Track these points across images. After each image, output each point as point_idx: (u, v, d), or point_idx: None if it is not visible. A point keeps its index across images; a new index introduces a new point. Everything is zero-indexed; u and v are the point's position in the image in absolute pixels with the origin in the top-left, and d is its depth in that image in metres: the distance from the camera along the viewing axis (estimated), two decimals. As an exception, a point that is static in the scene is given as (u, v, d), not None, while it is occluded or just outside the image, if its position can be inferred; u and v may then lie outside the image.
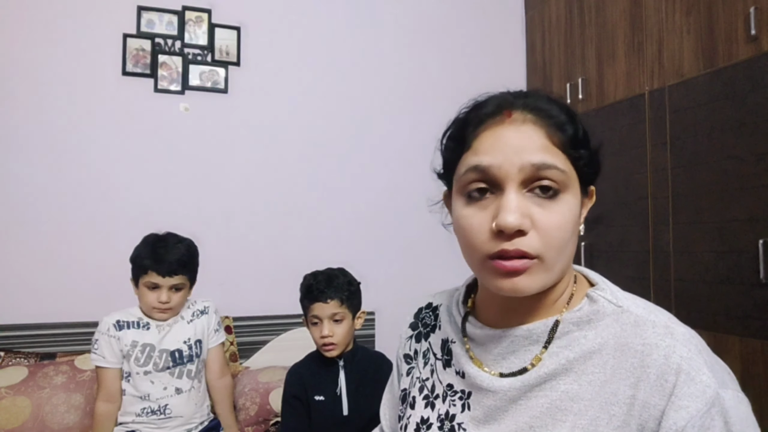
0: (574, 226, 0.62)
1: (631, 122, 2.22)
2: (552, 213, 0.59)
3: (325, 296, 1.49)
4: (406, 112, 2.74)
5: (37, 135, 2.23)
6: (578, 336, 0.63)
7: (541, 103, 0.63)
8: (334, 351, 1.51)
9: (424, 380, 0.76)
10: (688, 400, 0.55)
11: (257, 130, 2.51)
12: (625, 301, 0.64)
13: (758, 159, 1.74)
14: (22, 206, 2.19)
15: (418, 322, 0.84)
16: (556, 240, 0.59)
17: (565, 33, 2.64)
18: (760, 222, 1.73)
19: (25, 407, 1.80)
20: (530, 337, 0.65)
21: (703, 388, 0.55)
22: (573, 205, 0.61)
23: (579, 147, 0.62)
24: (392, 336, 2.57)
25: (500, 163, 0.59)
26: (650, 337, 0.60)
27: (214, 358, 1.76)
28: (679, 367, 0.57)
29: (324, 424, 1.51)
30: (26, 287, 2.17)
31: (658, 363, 0.58)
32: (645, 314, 0.62)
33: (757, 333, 1.71)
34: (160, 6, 2.40)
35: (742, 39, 1.80)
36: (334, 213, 2.60)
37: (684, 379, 0.56)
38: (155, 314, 1.64)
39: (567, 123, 0.62)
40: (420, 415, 0.74)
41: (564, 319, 0.64)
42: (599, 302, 0.64)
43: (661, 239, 2.08)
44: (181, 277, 1.64)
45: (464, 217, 0.62)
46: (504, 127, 0.61)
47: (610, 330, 0.62)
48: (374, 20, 2.72)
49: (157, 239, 1.65)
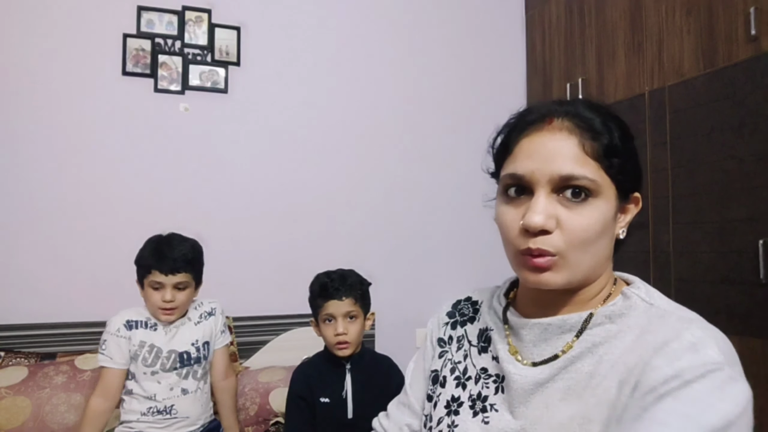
0: (603, 229, 0.66)
1: (631, 122, 2.21)
2: (578, 215, 0.64)
3: (340, 294, 1.50)
4: (406, 112, 2.74)
5: (37, 135, 2.23)
6: (609, 327, 0.67)
7: (582, 110, 0.67)
8: (348, 350, 1.50)
9: (456, 363, 0.81)
10: (684, 361, 0.57)
11: (257, 130, 2.51)
12: (658, 299, 0.68)
13: (758, 159, 1.74)
14: (22, 206, 2.19)
15: (456, 312, 0.88)
16: (578, 240, 0.64)
17: (565, 33, 2.64)
18: (760, 222, 1.73)
19: (25, 407, 1.80)
20: (564, 326, 0.69)
21: (705, 358, 0.57)
22: (604, 210, 0.65)
23: (613, 156, 0.65)
24: (392, 336, 2.57)
25: (532, 172, 0.65)
26: (671, 324, 0.62)
27: (220, 360, 1.76)
28: (688, 341, 0.59)
29: (328, 427, 1.50)
30: (26, 287, 2.17)
31: (670, 337, 0.60)
32: (673, 309, 0.66)
33: (757, 333, 1.72)
34: (160, 6, 2.39)
35: (742, 39, 1.80)
36: (335, 213, 2.60)
37: (687, 346, 0.58)
38: (161, 316, 1.63)
39: (603, 132, 0.66)
40: (451, 394, 0.78)
41: (598, 312, 0.68)
42: (632, 299, 0.68)
43: (661, 239, 2.08)
44: (184, 275, 1.62)
45: (501, 214, 0.70)
46: (541, 135, 0.67)
47: (637, 321, 0.66)
48: (374, 20, 2.72)
49: (161, 239, 1.65)
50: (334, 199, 2.61)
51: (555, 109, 0.68)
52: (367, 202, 2.65)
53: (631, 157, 0.69)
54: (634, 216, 0.72)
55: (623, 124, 0.70)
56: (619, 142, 0.66)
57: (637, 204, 0.72)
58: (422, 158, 2.74)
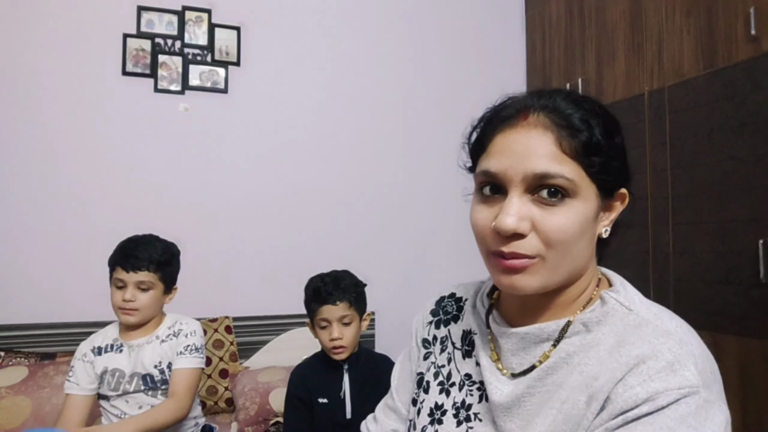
0: (582, 230, 0.62)
1: (631, 122, 2.22)
2: (554, 216, 0.60)
3: (333, 298, 1.48)
4: (407, 112, 2.74)
5: (37, 135, 2.23)
6: (585, 335, 0.64)
7: (561, 104, 0.63)
8: (344, 354, 1.50)
9: (440, 367, 0.78)
10: (659, 383, 0.55)
11: (257, 130, 2.51)
12: (637, 305, 0.64)
13: (758, 159, 1.74)
14: (22, 206, 2.19)
15: (439, 310, 0.85)
16: (556, 242, 0.60)
17: (565, 33, 2.64)
18: (760, 222, 1.73)
19: (25, 407, 1.80)
20: (541, 335, 0.66)
21: (680, 381, 0.54)
22: (582, 211, 0.61)
23: (593, 154, 0.61)
24: (393, 336, 2.57)
25: (506, 170, 0.61)
26: (646, 336, 0.59)
27: (176, 380, 1.50)
28: (665, 360, 0.56)
29: (327, 427, 1.50)
30: (26, 287, 2.17)
31: (646, 354, 0.57)
32: (651, 318, 0.62)
33: (757, 333, 1.72)
34: (160, 6, 2.40)
35: (742, 39, 1.80)
36: (335, 213, 2.60)
37: (663, 365, 0.55)
38: (120, 316, 1.52)
39: (582, 128, 0.61)
40: (434, 401, 0.75)
41: (576, 320, 0.65)
42: (610, 303, 0.64)
43: (660, 239, 2.08)
44: (147, 274, 1.51)
45: (474, 212, 0.66)
46: (516, 131, 0.62)
47: (613, 329, 0.62)
48: (374, 20, 2.72)
49: (133, 237, 1.57)
50: (333, 198, 2.61)
51: (531, 104, 0.64)
52: (367, 202, 2.65)
53: (616, 153, 0.64)
54: (621, 213, 0.67)
55: (608, 118, 0.65)
56: (600, 139, 0.62)
57: (623, 201, 0.67)
58: (422, 158, 2.74)
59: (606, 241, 0.68)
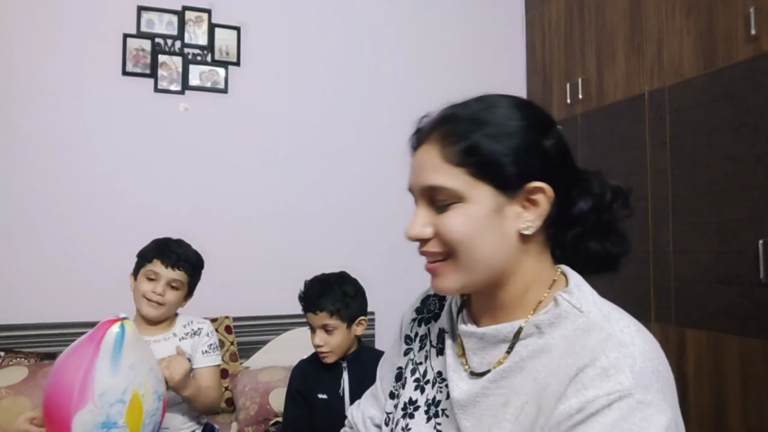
0: (479, 228, 0.65)
1: (631, 122, 2.22)
2: (447, 219, 0.66)
3: (315, 307, 1.50)
4: (406, 113, 2.72)
5: (37, 135, 2.23)
6: (540, 338, 0.65)
7: (452, 114, 0.69)
8: (329, 358, 1.52)
9: (418, 363, 0.80)
10: (591, 391, 0.55)
11: (257, 130, 2.51)
12: (589, 306, 0.64)
13: (758, 159, 1.74)
14: (22, 206, 2.19)
15: (424, 308, 0.87)
16: (452, 242, 0.65)
17: (565, 34, 2.64)
18: (759, 222, 1.73)
19: (25, 407, 1.80)
20: (498, 336, 0.68)
21: (612, 386, 0.55)
22: (473, 211, 0.65)
23: (474, 155, 0.64)
24: (393, 336, 2.56)
25: (412, 186, 0.70)
26: (591, 342, 0.60)
27: (203, 380, 1.59)
28: (600, 367, 0.57)
29: (326, 423, 1.51)
30: (26, 287, 2.17)
31: (585, 362, 0.58)
32: (599, 321, 0.62)
33: (757, 333, 1.72)
34: (160, 6, 2.40)
35: (742, 39, 1.80)
36: (335, 213, 2.60)
37: (598, 372, 0.56)
38: (144, 306, 1.57)
39: (465, 132, 0.66)
40: (409, 396, 0.78)
41: (529, 322, 0.66)
42: (562, 306, 0.65)
43: (660, 239, 2.08)
44: (182, 274, 1.59)
45: None
46: (419, 149, 0.70)
47: (563, 333, 0.63)
48: (374, 21, 2.72)
49: (170, 238, 1.64)
50: (334, 198, 2.61)
51: (422, 122, 0.72)
52: (368, 202, 2.65)
53: (510, 149, 0.64)
54: (549, 209, 0.66)
55: (512, 113, 0.67)
56: (483, 140, 0.64)
57: (545, 193, 0.65)
58: (422, 158, 2.74)
59: (564, 240, 0.70)
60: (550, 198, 0.66)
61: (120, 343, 1.12)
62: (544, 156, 0.66)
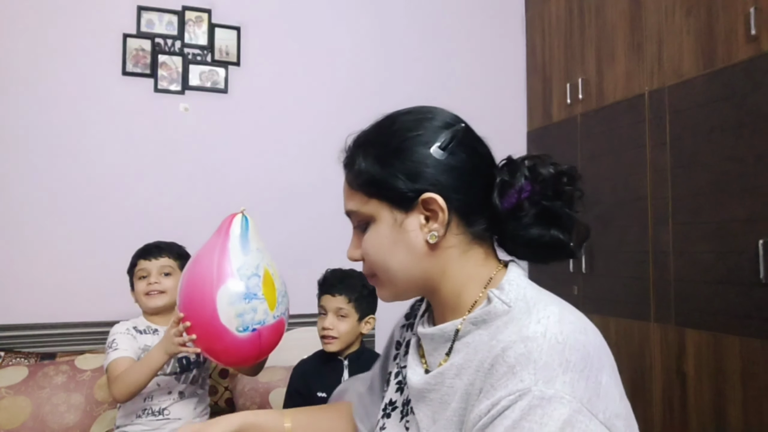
0: (389, 243, 0.69)
1: (631, 122, 2.22)
2: (366, 241, 0.72)
3: (334, 290, 1.55)
4: (406, 112, 2.74)
5: (37, 135, 2.23)
6: (474, 336, 0.66)
7: (346, 144, 0.75)
8: (333, 346, 1.53)
9: (402, 367, 0.82)
10: (500, 391, 0.56)
11: (257, 130, 2.51)
12: (517, 302, 0.64)
13: (758, 159, 1.74)
14: (21, 206, 2.19)
15: (412, 313, 0.89)
16: (372, 260, 0.71)
17: (565, 33, 2.64)
18: (759, 222, 1.73)
19: (25, 407, 1.80)
20: (443, 336, 0.70)
21: (516, 384, 0.55)
22: (380, 229, 0.70)
23: (362, 178, 0.70)
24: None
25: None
26: (504, 337, 0.61)
27: None
28: (507, 365, 0.57)
29: None
30: (26, 287, 2.17)
31: (497, 360, 0.59)
32: (519, 314, 0.63)
33: (757, 333, 1.72)
34: (160, 6, 2.40)
35: (742, 39, 1.80)
36: (335, 213, 2.59)
37: (506, 370, 0.57)
38: (147, 301, 1.61)
39: (353, 161, 0.72)
40: (390, 397, 0.81)
41: (465, 321, 0.68)
42: (493, 302, 0.65)
43: (660, 239, 2.08)
44: (168, 260, 1.63)
45: None
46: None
47: (490, 331, 0.65)
48: (374, 21, 2.72)
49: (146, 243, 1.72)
50: (334, 198, 2.59)
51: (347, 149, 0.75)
52: (367, 202, 2.65)
53: (394, 168, 0.67)
54: (447, 218, 0.67)
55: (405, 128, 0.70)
56: (367, 163, 0.69)
57: (438, 203, 0.66)
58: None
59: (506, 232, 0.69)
60: (444, 208, 0.67)
61: (246, 228, 1.29)
62: (437, 165, 0.67)
